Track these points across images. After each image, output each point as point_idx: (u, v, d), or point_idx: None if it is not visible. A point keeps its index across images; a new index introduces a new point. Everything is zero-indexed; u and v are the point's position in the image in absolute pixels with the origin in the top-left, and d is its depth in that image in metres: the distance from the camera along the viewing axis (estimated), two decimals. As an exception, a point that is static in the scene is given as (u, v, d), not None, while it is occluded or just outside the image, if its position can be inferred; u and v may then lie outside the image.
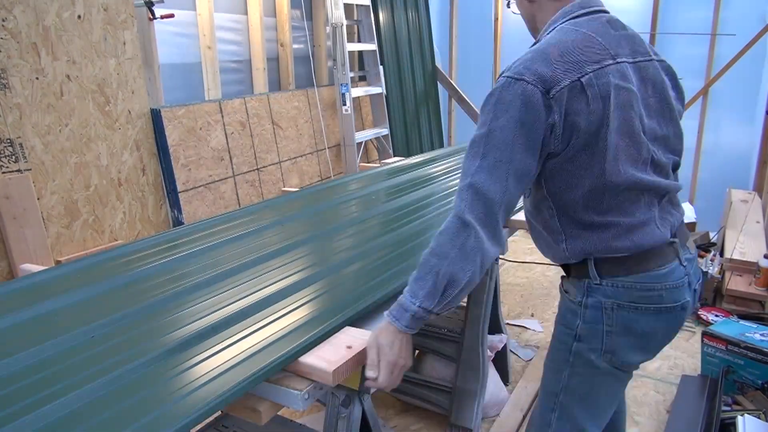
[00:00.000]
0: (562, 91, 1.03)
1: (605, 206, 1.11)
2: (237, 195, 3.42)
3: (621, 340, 1.15)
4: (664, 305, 1.13)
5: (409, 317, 1.10)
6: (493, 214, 1.05)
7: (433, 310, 1.09)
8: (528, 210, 1.27)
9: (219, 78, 3.47)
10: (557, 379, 1.23)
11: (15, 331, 1.23)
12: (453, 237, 1.06)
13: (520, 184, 1.07)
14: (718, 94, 4.27)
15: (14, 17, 2.21)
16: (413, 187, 2.49)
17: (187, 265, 1.59)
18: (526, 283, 3.67)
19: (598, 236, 1.12)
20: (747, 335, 2.28)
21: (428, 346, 2.29)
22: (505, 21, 4.94)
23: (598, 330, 1.15)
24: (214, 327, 1.22)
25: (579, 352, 1.18)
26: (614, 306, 1.13)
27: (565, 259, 1.20)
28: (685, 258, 1.17)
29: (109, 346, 1.15)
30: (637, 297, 1.12)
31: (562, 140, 1.06)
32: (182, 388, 1.00)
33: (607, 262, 1.13)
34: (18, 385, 1.01)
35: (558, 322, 1.25)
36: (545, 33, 1.17)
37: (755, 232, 3.37)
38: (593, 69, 1.05)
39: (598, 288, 1.14)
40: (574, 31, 1.11)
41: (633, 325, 1.14)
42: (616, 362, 1.17)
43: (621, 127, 1.08)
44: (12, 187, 2.23)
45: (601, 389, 1.21)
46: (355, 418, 1.31)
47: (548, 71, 1.04)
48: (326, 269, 1.56)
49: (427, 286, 1.07)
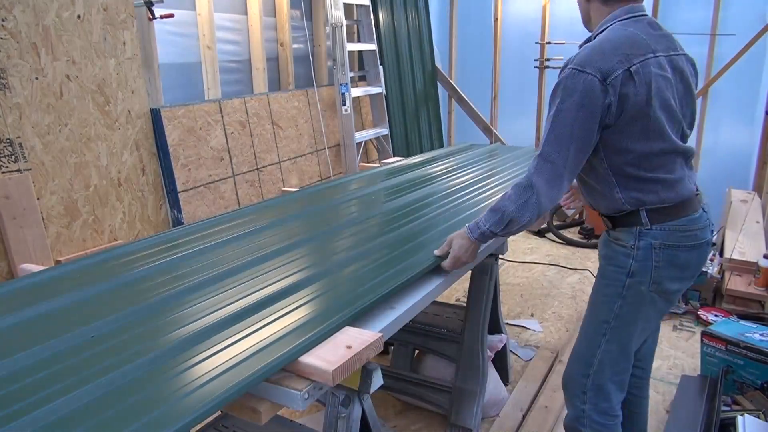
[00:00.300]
0: (616, 78, 1.33)
1: (654, 165, 1.42)
2: (237, 195, 3.42)
3: (665, 272, 1.46)
4: (697, 242, 1.47)
5: (479, 233, 1.54)
6: (558, 176, 1.40)
7: (497, 234, 1.51)
8: (582, 171, 1.53)
9: (219, 78, 3.47)
10: (609, 309, 1.52)
11: (15, 331, 1.23)
12: (520, 193, 1.43)
13: (581, 153, 1.40)
14: (718, 93, 4.27)
15: (14, 17, 2.21)
16: (413, 187, 2.49)
17: (187, 265, 1.59)
18: (526, 283, 3.67)
19: (650, 188, 1.43)
20: (747, 335, 2.28)
21: (428, 346, 2.29)
22: (505, 21, 4.94)
23: (648, 266, 1.45)
24: (214, 327, 1.22)
25: (631, 285, 1.48)
26: (661, 245, 1.44)
27: (619, 207, 1.48)
28: (703, 207, 1.53)
29: (109, 346, 1.15)
30: (679, 237, 1.45)
31: (615, 115, 1.36)
32: (183, 388, 1.00)
33: (656, 211, 1.44)
34: (18, 385, 1.01)
35: (607, 265, 1.53)
36: (599, 31, 1.47)
37: (755, 232, 3.37)
38: (639, 60, 1.35)
39: (649, 232, 1.45)
40: (623, 30, 1.41)
41: (675, 260, 1.46)
42: (660, 290, 1.48)
43: (662, 105, 1.39)
44: (12, 187, 2.23)
45: (645, 314, 1.52)
46: (354, 418, 1.31)
47: (604, 63, 1.33)
48: (326, 269, 1.56)
49: (495, 218, 1.49)
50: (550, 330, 3.03)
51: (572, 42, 4.61)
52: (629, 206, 1.46)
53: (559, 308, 3.29)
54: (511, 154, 3.31)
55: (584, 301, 3.36)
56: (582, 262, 4.03)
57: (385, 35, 4.50)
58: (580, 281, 3.69)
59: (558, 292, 3.51)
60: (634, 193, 1.44)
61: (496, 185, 2.52)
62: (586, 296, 3.44)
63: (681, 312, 3.12)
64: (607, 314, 1.52)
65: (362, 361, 1.16)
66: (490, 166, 2.97)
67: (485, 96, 5.21)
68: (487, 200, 2.26)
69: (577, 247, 4.34)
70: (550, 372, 2.54)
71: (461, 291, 3.46)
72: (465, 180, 2.63)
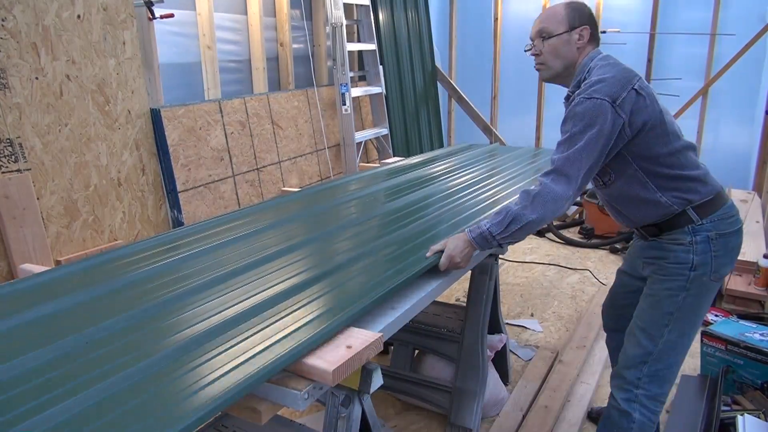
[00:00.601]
0: (624, 99, 1.51)
1: (681, 163, 1.60)
2: (237, 195, 3.42)
3: (723, 259, 1.62)
4: (739, 225, 1.66)
5: (478, 232, 1.59)
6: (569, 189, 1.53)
7: (496, 236, 1.57)
8: (614, 196, 1.71)
9: (219, 78, 3.47)
10: (674, 302, 1.63)
11: (13, 334, 1.22)
12: (526, 197, 1.55)
13: (591, 170, 1.55)
14: (718, 93, 4.27)
15: (14, 17, 2.21)
16: (413, 187, 2.49)
17: (188, 267, 1.59)
18: (526, 283, 3.67)
19: (688, 187, 1.59)
20: (746, 335, 2.28)
21: (428, 346, 2.29)
22: (504, 21, 4.94)
23: (708, 257, 1.60)
24: (215, 329, 1.21)
25: (695, 278, 1.61)
26: (716, 236, 1.60)
27: (666, 209, 1.61)
28: None
29: (110, 349, 1.15)
30: (726, 224, 1.62)
31: (632, 129, 1.53)
32: (184, 390, 0.99)
33: (701, 206, 1.60)
34: (17, 390, 1.01)
35: (668, 264, 1.64)
36: (586, 70, 1.63)
37: (755, 232, 3.37)
38: (637, 80, 1.55)
39: (702, 226, 1.59)
40: (608, 64, 1.60)
41: (728, 245, 1.63)
42: (717, 276, 1.64)
43: (665, 111, 1.60)
44: (12, 186, 2.23)
45: (706, 301, 1.68)
46: (354, 417, 1.31)
47: (611, 90, 1.51)
48: (327, 270, 1.56)
49: (498, 218, 1.58)
50: (550, 330, 3.03)
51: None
52: (677, 207, 1.60)
53: (559, 308, 3.29)
54: (510, 154, 3.31)
55: (584, 301, 3.36)
56: (582, 262, 4.03)
57: (385, 35, 4.50)
58: (580, 281, 3.69)
59: (558, 292, 3.51)
60: (675, 192, 1.60)
61: (496, 185, 2.52)
62: (586, 296, 3.44)
63: (681, 312, 3.12)
64: (671, 306, 1.64)
65: (362, 361, 1.16)
66: (490, 166, 2.97)
67: (485, 96, 5.21)
68: (486, 200, 2.26)
69: (577, 247, 4.34)
70: (550, 372, 2.54)
71: (461, 291, 3.46)
72: (465, 180, 2.63)
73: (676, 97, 4.32)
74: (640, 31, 4.33)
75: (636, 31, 4.34)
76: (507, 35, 4.96)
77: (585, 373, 2.51)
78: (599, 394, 2.44)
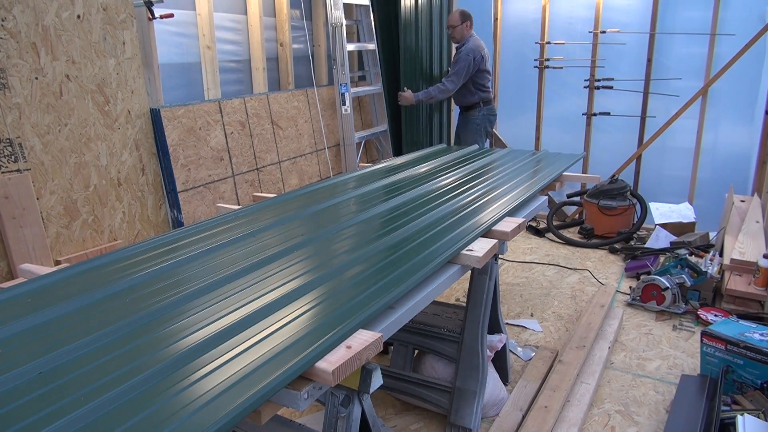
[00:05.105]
0: (481, 56, 4.09)
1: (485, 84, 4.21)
2: (236, 195, 3.42)
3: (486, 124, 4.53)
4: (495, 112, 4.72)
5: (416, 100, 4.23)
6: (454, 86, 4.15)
7: (423, 100, 4.19)
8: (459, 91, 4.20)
9: (218, 78, 3.48)
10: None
11: (9, 343, 1.18)
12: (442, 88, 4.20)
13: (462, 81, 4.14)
14: (718, 93, 4.27)
15: (14, 17, 2.21)
16: (413, 187, 2.49)
17: (186, 270, 1.57)
18: (526, 283, 3.67)
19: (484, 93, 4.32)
20: (746, 335, 2.28)
21: (428, 346, 2.29)
22: (504, 21, 4.94)
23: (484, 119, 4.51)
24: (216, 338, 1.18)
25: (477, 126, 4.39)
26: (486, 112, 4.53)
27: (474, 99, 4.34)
28: None
29: (104, 361, 1.10)
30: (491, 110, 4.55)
31: (475, 68, 4.11)
32: (187, 407, 0.95)
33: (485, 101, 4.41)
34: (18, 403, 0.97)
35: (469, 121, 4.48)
36: (466, 41, 4.14)
37: (755, 232, 3.37)
38: (481, 49, 4.12)
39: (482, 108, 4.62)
40: (476, 38, 4.16)
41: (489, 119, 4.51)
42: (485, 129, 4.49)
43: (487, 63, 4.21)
44: (11, 187, 2.23)
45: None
46: (354, 417, 1.31)
47: (477, 51, 4.08)
48: (328, 272, 1.54)
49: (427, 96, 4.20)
50: (549, 330, 3.03)
51: (572, 42, 4.61)
52: (477, 99, 4.17)
53: (559, 308, 3.29)
54: (510, 155, 3.31)
55: (584, 301, 3.36)
56: (582, 262, 4.03)
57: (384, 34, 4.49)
58: (579, 281, 3.69)
59: (558, 292, 3.51)
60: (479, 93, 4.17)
61: (495, 186, 2.52)
62: (585, 296, 3.44)
63: (681, 312, 3.12)
64: None
65: (362, 361, 1.16)
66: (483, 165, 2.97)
67: (485, 96, 5.21)
68: (486, 199, 2.26)
69: (577, 247, 4.34)
70: (549, 372, 2.54)
71: (461, 291, 3.46)
72: (461, 179, 2.63)
73: (676, 97, 4.32)
74: (640, 31, 4.33)
75: (636, 31, 4.34)
76: (507, 35, 4.96)
77: (585, 373, 2.50)
78: (599, 394, 2.44)
